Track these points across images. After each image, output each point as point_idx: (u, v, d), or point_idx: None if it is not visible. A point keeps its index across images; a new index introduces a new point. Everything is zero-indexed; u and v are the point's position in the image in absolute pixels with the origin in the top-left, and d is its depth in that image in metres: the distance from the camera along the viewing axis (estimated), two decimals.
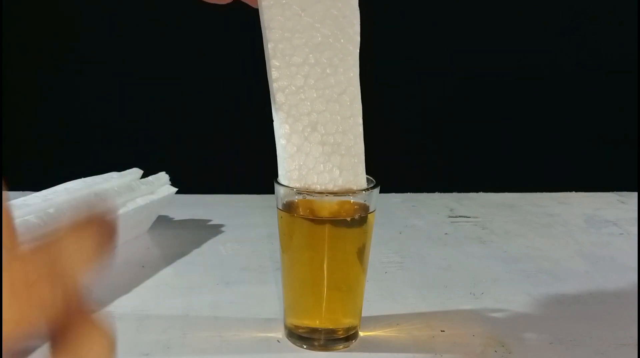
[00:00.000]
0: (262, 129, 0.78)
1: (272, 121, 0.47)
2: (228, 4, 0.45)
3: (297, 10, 0.45)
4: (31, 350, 0.47)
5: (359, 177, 0.47)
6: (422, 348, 0.48)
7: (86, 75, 0.92)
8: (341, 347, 0.49)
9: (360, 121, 0.47)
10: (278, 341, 0.49)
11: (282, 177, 0.46)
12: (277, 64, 0.45)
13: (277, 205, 0.48)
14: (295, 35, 0.45)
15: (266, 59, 0.46)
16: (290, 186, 0.46)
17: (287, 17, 0.45)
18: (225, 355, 0.47)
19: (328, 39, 0.45)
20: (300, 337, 0.49)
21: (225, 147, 0.96)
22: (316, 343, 0.48)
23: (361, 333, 0.50)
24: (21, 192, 0.70)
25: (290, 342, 0.49)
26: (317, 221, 0.47)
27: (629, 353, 0.48)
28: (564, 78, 0.98)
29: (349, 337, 0.49)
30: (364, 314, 0.50)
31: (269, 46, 0.45)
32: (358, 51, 0.46)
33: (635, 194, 0.93)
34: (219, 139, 0.96)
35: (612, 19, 0.96)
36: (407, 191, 0.96)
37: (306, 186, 0.45)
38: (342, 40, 0.46)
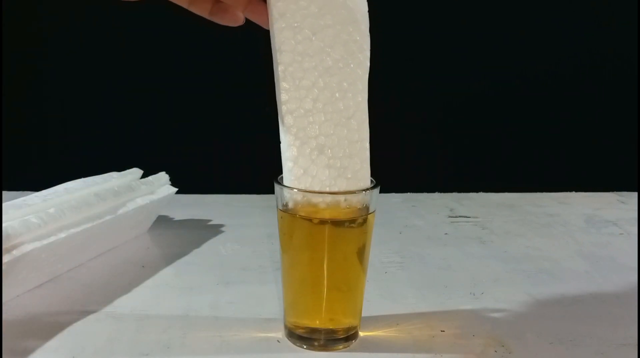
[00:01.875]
0: (262, 129, 0.78)
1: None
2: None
3: (308, 34, 0.45)
4: (31, 350, 0.47)
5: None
6: (422, 348, 0.48)
7: (86, 75, 0.92)
8: (341, 347, 0.49)
9: (367, 145, 0.47)
10: (278, 341, 0.49)
11: (289, 200, 0.47)
12: (287, 86, 0.45)
13: (277, 205, 0.48)
14: (305, 59, 0.45)
15: (275, 81, 0.46)
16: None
17: (298, 41, 0.45)
18: (225, 355, 0.47)
19: (338, 64, 0.46)
20: (300, 337, 0.49)
21: (225, 147, 0.96)
22: (316, 343, 0.48)
23: (361, 333, 0.50)
24: (21, 192, 0.70)
25: (290, 342, 0.49)
26: (317, 221, 0.47)
27: (629, 353, 0.48)
28: (564, 78, 0.98)
29: (349, 337, 0.49)
30: (364, 314, 0.50)
31: (279, 68, 0.45)
32: (367, 76, 0.47)
33: (635, 194, 0.93)
34: (219, 139, 0.96)
35: (612, 20, 0.96)
36: (407, 191, 0.97)
37: (311, 206, 0.46)
38: (351, 65, 0.46)
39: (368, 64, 0.47)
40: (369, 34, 0.47)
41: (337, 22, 0.45)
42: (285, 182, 0.46)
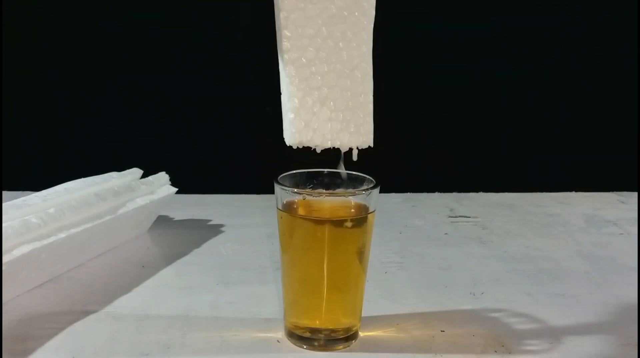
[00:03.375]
0: (262, 129, 0.78)
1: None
2: None
3: None
4: (31, 350, 0.47)
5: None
6: (422, 348, 0.48)
7: (87, 75, 0.92)
8: (341, 347, 0.49)
9: (371, 98, 0.45)
10: (278, 341, 0.49)
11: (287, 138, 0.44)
12: (289, 34, 0.43)
13: (277, 205, 0.48)
14: (308, 6, 0.43)
15: (277, 29, 0.44)
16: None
17: None
18: (225, 355, 0.47)
19: (342, 12, 0.44)
20: (300, 337, 0.49)
21: (225, 147, 0.96)
22: (316, 343, 0.48)
23: (361, 333, 0.50)
24: (21, 192, 0.70)
25: (290, 342, 0.49)
26: (317, 221, 0.47)
27: (629, 353, 0.48)
28: (564, 78, 0.98)
29: (349, 337, 0.49)
30: (364, 314, 0.50)
31: (281, 15, 0.43)
32: (372, 25, 0.45)
33: (635, 194, 0.93)
34: (219, 139, 0.96)
35: (612, 20, 0.96)
36: (407, 191, 0.97)
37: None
38: (356, 14, 0.44)
39: (373, 13, 0.45)
40: None
41: None
42: (285, 136, 0.44)
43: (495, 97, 0.98)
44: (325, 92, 0.44)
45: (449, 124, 0.99)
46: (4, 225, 0.52)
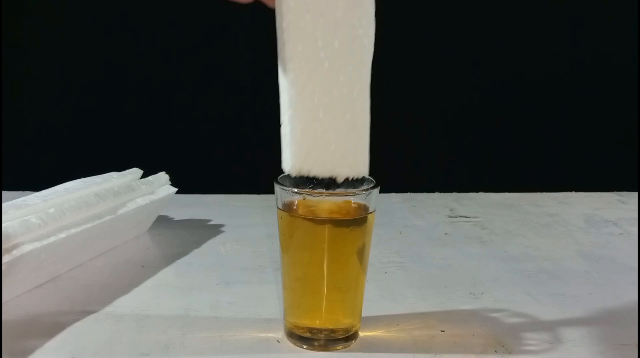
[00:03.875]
0: (262, 129, 0.78)
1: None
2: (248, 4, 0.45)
3: (316, 15, 0.44)
4: (31, 350, 0.47)
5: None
6: (421, 348, 0.48)
7: (87, 75, 0.92)
8: (341, 347, 0.49)
9: (368, 131, 0.46)
10: (278, 341, 0.49)
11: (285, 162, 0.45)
12: (292, 67, 0.44)
13: (277, 205, 0.48)
14: (311, 40, 0.44)
15: (279, 61, 0.45)
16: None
17: (305, 22, 0.44)
18: (225, 355, 0.47)
19: (344, 47, 0.45)
20: (300, 337, 0.49)
21: (225, 147, 0.96)
22: (316, 343, 0.48)
23: (361, 333, 0.50)
24: (21, 192, 0.70)
25: (290, 342, 0.49)
26: (317, 221, 0.47)
27: (629, 353, 0.48)
28: (564, 78, 0.98)
29: (349, 337, 0.49)
30: (364, 314, 0.50)
31: (286, 48, 0.44)
32: (371, 60, 0.46)
33: (635, 194, 0.93)
34: (219, 139, 0.96)
35: (612, 20, 0.96)
36: (407, 191, 0.97)
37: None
38: (357, 49, 0.45)
39: (372, 49, 0.46)
40: (374, 18, 0.46)
41: (345, 5, 0.44)
42: (284, 165, 0.45)
43: (495, 97, 0.98)
44: (325, 125, 0.45)
45: (449, 124, 0.99)
46: (4, 225, 0.52)
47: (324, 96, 0.45)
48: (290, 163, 0.45)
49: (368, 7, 0.46)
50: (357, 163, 0.46)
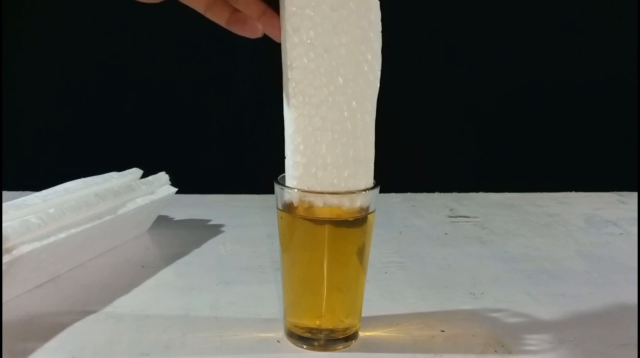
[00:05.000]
0: (262, 129, 0.78)
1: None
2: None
3: (320, 51, 0.45)
4: (31, 350, 0.47)
5: None
6: (422, 348, 0.48)
7: (87, 75, 0.92)
8: (341, 347, 0.49)
9: (372, 166, 0.47)
10: (278, 341, 0.49)
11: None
12: (296, 103, 0.45)
13: (277, 205, 0.48)
14: (316, 77, 0.45)
15: (284, 95, 0.46)
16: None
17: (310, 58, 0.45)
18: (225, 355, 0.47)
19: (348, 83, 0.45)
20: (300, 337, 0.49)
21: (225, 147, 0.96)
22: (316, 343, 0.48)
23: (361, 333, 0.50)
24: (21, 192, 0.70)
25: (290, 342, 0.49)
26: (317, 221, 0.47)
27: (629, 353, 0.48)
28: (564, 78, 0.98)
29: (349, 337, 0.49)
30: (364, 314, 0.50)
31: (290, 85, 0.45)
32: (376, 96, 0.47)
33: (635, 194, 0.93)
34: (219, 139, 0.96)
35: (612, 20, 0.96)
36: (407, 191, 0.97)
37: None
38: (362, 85, 0.46)
39: (378, 84, 0.47)
40: (380, 54, 0.46)
41: (351, 41, 0.45)
42: (287, 197, 0.46)
43: (495, 97, 0.98)
44: (329, 160, 0.46)
45: (449, 124, 0.99)
46: (4, 225, 0.52)
47: (327, 132, 0.45)
48: (293, 195, 0.46)
49: (374, 43, 0.46)
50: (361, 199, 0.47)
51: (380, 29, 0.46)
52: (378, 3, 0.46)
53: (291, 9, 0.44)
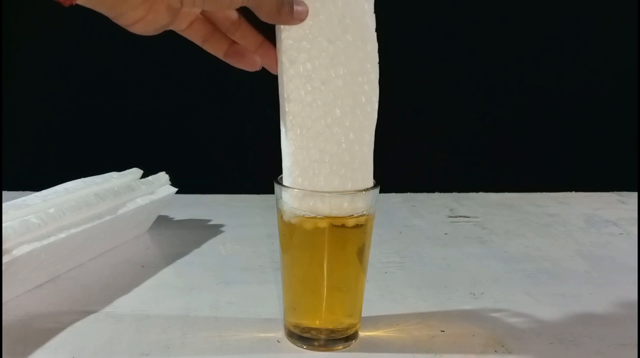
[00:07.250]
0: (262, 129, 0.78)
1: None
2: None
3: (317, 84, 0.45)
4: (31, 350, 0.47)
5: None
6: (422, 348, 0.48)
7: (87, 75, 0.92)
8: (341, 347, 0.49)
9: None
10: (278, 341, 0.49)
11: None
12: (294, 136, 0.45)
13: (277, 205, 0.48)
14: (313, 109, 0.45)
15: (282, 127, 0.46)
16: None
17: (307, 91, 0.45)
18: (225, 355, 0.47)
19: (346, 114, 0.45)
20: (300, 337, 0.49)
21: (225, 147, 0.96)
22: (316, 343, 0.48)
23: (361, 333, 0.50)
24: (21, 192, 0.70)
25: (290, 342, 0.49)
26: (317, 221, 0.47)
27: (629, 353, 0.48)
28: (564, 78, 0.98)
29: (349, 337, 0.49)
30: (364, 314, 0.50)
31: (288, 117, 0.45)
32: (374, 127, 0.47)
33: (635, 194, 0.93)
34: (219, 140, 0.96)
35: (612, 20, 0.96)
36: (407, 191, 0.97)
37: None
38: (359, 116, 0.46)
39: (375, 115, 0.46)
40: (378, 85, 0.46)
41: (348, 73, 0.45)
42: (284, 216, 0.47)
43: (495, 97, 0.98)
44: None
45: (449, 124, 0.99)
46: (4, 225, 0.52)
47: (324, 164, 0.45)
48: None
49: (371, 74, 0.46)
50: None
51: (377, 60, 0.46)
52: (375, 35, 0.46)
53: (288, 42, 0.44)
